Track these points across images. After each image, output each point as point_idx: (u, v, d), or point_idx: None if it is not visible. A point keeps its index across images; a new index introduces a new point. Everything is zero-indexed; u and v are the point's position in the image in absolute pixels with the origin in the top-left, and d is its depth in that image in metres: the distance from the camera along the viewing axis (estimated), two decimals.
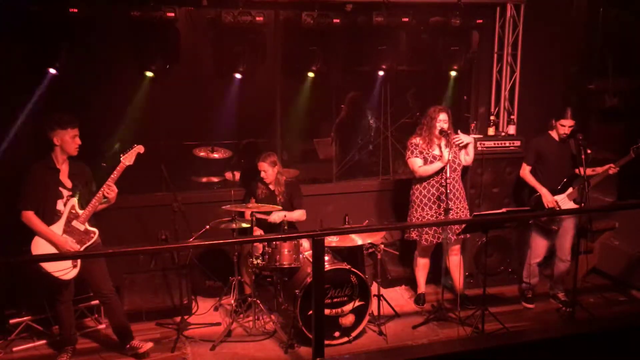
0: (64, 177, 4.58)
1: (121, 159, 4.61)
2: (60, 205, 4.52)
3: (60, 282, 4.50)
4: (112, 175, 4.55)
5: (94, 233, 4.61)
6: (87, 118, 4.78)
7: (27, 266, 4.80)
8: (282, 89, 6.59)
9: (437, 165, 5.36)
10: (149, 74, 5.72)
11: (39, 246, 4.43)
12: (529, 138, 5.96)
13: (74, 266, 4.49)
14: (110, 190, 4.53)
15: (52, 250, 4.45)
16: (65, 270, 4.44)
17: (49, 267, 4.41)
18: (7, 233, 5.07)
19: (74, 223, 4.53)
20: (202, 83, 6.51)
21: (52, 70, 5.33)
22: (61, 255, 4.47)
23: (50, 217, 4.49)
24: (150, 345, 4.89)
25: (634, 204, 6.33)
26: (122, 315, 4.88)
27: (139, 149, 4.69)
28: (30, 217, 4.43)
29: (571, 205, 5.52)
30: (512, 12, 6.61)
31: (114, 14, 5.37)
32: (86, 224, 4.58)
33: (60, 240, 4.45)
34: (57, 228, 4.49)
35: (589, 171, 5.37)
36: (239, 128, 6.85)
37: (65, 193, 4.55)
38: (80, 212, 4.55)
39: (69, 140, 4.48)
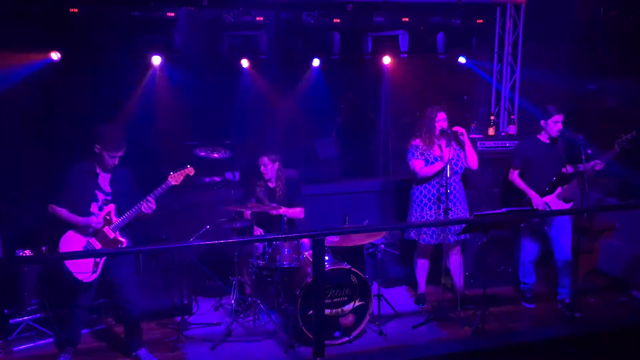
0: (104, 182, 4.55)
1: (168, 177, 4.59)
2: (94, 208, 4.50)
3: (80, 284, 4.48)
4: (154, 191, 4.53)
5: (122, 243, 4.57)
6: (86, 118, 4.78)
7: (50, 263, 4.79)
8: (283, 88, 6.60)
9: (438, 165, 5.37)
10: (157, 59, 5.76)
11: (68, 244, 4.43)
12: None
13: (94, 271, 4.47)
14: (148, 206, 4.50)
15: (79, 249, 4.45)
16: (85, 273, 4.43)
17: (72, 266, 4.41)
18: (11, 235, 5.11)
19: (106, 229, 4.51)
20: (202, 83, 6.51)
21: (55, 56, 5.31)
22: (71, 254, 4.47)
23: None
24: None
25: (634, 204, 6.33)
26: (137, 324, 4.81)
27: (189, 171, 4.67)
28: (55, 209, 4.44)
29: (561, 204, 5.52)
30: (512, 12, 6.61)
31: (114, 14, 5.38)
32: (116, 233, 4.55)
33: (83, 220, 4.42)
34: None
35: (573, 169, 5.49)
36: (239, 128, 6.86)
37: (101, 197, 4.52)
38: (115, 219, 4.53)
39: (105, 157, 4.45)
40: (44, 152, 5.56)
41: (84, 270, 4.42)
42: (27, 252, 5.03)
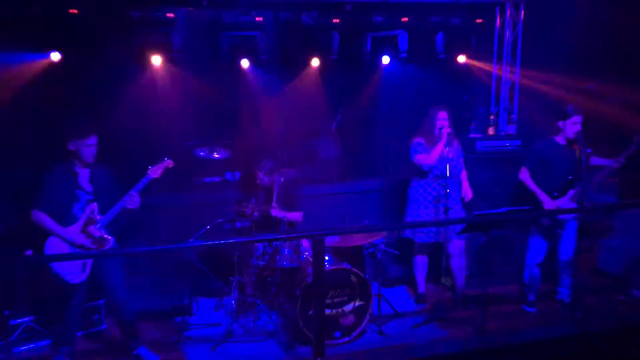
0: (83, 181, 4.54)
1: (148, 170, 4.60)
2: (77, 209, 4.49)
3: (69, 286, 4.47)
4: (135, 186, 4.54)
5: (109, 241, 4.57)
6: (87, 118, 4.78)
7: (35, 267, 4.79)
8: (282, 88, 6.60)
9: (439, 147, 5.35)
10: (157, 59, 5.75)
11: (53, 247, 4.41)
12: (530, 139, 5.93)
13: (83, 270, 4.46)
14: (132, 201, 4.52)
15: (65, 251, 4.42)
16: (74, 274, 4.42)
17: (59, 268, 4.39)
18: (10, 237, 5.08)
19: (90, 228, 4.51)
20: (202, 83, 6.51)
21: (55, 56, 5.30)
22: (65, 256, 4.46)
23: (67, 220, 4.45)
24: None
25: (634, 203, 6.32)
26: (133, 324, 4.79)
27: (168, 163, 4.70)
28: (40, 216, 4.40)
29: (573, 206, 5.46)
30: (512, 12, 6.62)
31: (114, 15, 5.38)
32: (102, 231, 4.54)
33: (70, 235, 4.41)
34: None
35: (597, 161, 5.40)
36: (240, 128, 6.85)
37: (84, 197, 4.52)
38: (99, 217, 4.52)
39: (82, 150, 4.45)
40: (32, 153, 5.54)
41: (72, 272, 4.41)
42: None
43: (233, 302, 5.43)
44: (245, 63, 6.28)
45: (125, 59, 5.73)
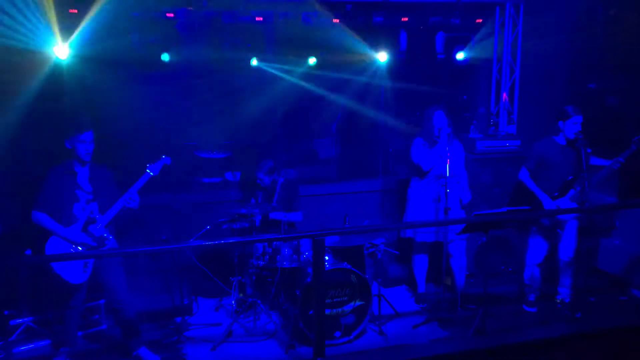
0: (83, 180, 4.53)
1: (147, 169, 4.60)
2: (77, 209, 4.48)
3: (70, 286, 4.46)
4: (134, 185, 4.53)
5: (108, 241, 4.56)
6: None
7: (36, 267, 4.78)
8: (282, 88, 6.61)
9: (438, 147, 5.36)
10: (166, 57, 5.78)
11: (54, 247, 4.40)
12: (530, 139, 5.92)
13: (84, 271, 4.46)
14: (131, 200, 4.52)
15: (66, 251, 4.41)
16: (75, 274, 4.41)
17: (60, 269, 4.38)
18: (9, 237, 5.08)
19: (91, 228, 4.50)
20: (203, 83, 6.52)
21: (61, 53, 5.32)
22: (65, 256, 4.45)
23: (67, 220, 4.44)
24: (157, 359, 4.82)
25: (634, 203, 6.32)
26: (133, 324, 4.77)
27: (166, 161, 4.70)
28: (40, 217, 4.40)
29: (573, 206, 5.46)
30: (512, 12, 6.62)
31: (114, 14, 5.38)
32: (103, 231, 4.54)
33: (71, 235, 4.41)
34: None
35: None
36: (239, 128, 6.86)
37: (84, 197, 4.51)
38: (99, 217, 4.52)
39: (78, 146, 4.44)
40: (32, 153, 5.55)
41: (73, 272, 4.40)
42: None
43: (233, 302, 5.44)
44: (247, 62, 6.29)
45: (125, 57, 5.73)
